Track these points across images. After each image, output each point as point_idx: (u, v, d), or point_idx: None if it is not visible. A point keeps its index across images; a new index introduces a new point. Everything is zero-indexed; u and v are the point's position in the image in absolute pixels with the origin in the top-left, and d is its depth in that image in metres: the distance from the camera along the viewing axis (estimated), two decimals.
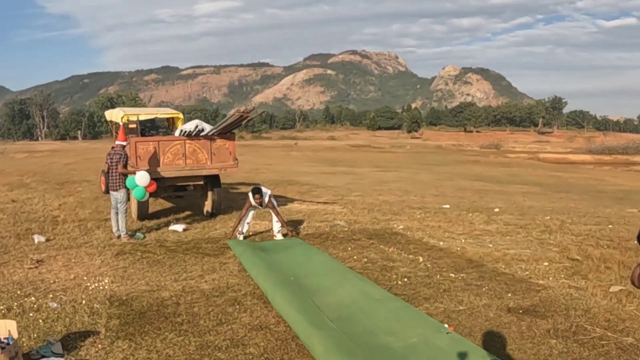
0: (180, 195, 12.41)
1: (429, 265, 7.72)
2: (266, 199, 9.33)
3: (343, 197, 15.77)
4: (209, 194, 11.83)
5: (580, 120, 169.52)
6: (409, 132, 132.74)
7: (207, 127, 10.87)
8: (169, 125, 14.16)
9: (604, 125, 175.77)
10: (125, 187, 9.48)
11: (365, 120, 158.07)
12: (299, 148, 64.09)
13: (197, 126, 10.61)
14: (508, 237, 9.87)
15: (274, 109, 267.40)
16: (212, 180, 11.66)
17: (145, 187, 9.37)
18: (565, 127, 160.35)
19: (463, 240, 9.49)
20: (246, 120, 9.90)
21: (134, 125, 12.25)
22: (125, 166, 9.49)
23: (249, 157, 39.59)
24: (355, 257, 8.23)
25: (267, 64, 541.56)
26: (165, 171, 10.60)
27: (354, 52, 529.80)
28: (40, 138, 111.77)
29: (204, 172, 11.11)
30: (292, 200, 14.58)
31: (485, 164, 41.96)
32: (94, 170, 21.55)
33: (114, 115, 13.40)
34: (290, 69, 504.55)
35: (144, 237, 9.65)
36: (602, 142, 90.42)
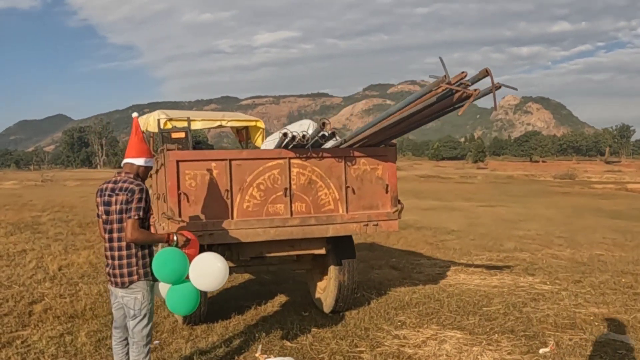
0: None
1: None
2: None
3: (511, 255, 9.87)
4: (333, 270, 5.78)
5: None
6: (475, 162, 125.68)
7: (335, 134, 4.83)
8: (240, 141, 8.84)
9: None
10: (149, 278, 3.74)
11: (428, 150, 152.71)
12: None
13: (311, 127, 4.80)
14: None
15: None
16: (340, 245, 5.72)
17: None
18: (632, 156, 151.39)
19: None
20: (461, 100, 3.69)
21: (180, 135, 6.67)
22: (142, 222, 3.66)
23: None
24: None
25: (326, 94, 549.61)
26: (244, 229, 4.80)
27: (413, 82, 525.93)
28: (98, 166, 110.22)
29: (331, 232, 5.15)
30: (437, 265, 8.75)
31: (579, 195, 34.77)
32: None
33: (151, 122, 7.80)
34: (350, 100, 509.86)
35: None
36: None
